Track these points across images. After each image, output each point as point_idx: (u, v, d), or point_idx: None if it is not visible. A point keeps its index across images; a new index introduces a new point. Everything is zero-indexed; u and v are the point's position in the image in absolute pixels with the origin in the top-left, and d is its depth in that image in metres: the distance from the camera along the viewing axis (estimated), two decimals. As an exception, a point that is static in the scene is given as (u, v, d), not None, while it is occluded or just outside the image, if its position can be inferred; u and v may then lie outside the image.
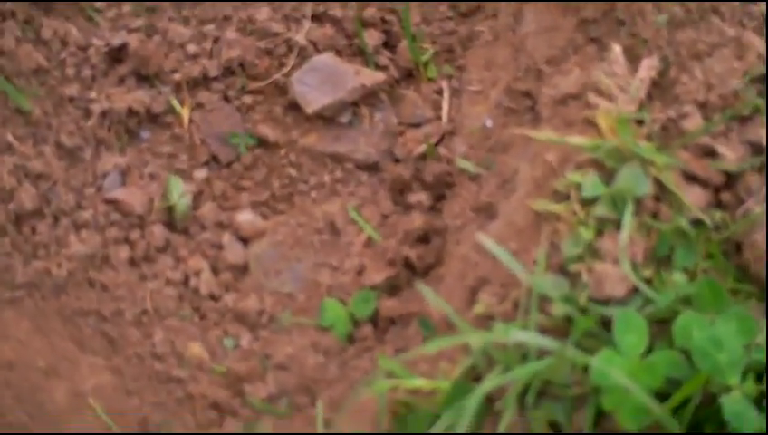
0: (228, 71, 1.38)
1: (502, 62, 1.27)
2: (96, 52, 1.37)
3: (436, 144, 1.33)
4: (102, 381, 1.19)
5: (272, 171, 1.38)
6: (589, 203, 0.93)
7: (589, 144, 0.95)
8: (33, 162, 1.28)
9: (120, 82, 1.37)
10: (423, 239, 1.26)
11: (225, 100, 1.39)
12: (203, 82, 1.38)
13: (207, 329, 1.28)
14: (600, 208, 0.91)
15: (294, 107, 1.38)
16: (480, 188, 1.20)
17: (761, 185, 0.90)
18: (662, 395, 0.81)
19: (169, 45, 1.38)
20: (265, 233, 1.34)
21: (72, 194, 1.30)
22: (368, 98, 1.38)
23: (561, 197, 0.95)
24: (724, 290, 0.85)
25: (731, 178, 0.92)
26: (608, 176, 0.93)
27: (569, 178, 0.94)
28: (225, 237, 1.34)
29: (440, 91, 1.38)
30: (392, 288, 1.26)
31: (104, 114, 1.34)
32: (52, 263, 1.25)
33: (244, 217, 1.35)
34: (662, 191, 0.92)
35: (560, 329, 0.87)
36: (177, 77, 1.36)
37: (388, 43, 1.42)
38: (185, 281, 1.31)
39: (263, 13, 1.40)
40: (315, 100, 1.35)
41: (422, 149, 1.33)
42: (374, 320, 1.25)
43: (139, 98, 1.35)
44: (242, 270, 1.32)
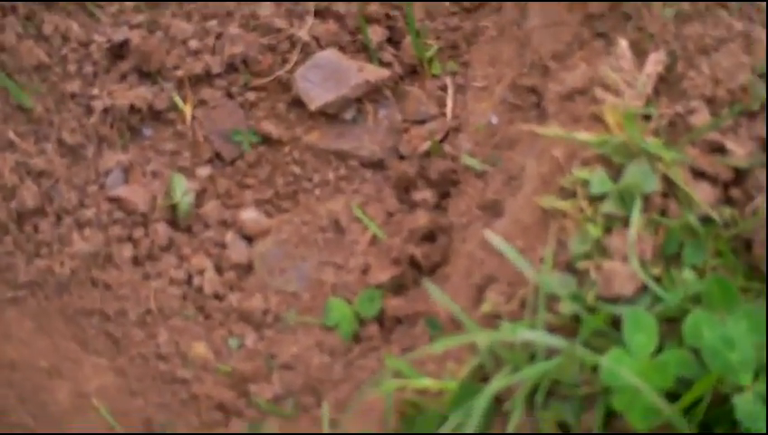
0: (231, 67, 1.38)
1: (507, 57, 1.26)
2: (98, 48, 1.36)
3: (441, 141, 1.33)
4: (106, 382, 1.18)
5: (276, 169, 1.37)
6: (596, 200, 0.92)
7: (596, 140, 0.94)
8: (35, 160, 1.27)
9: (122, 78, 1.36)
10: (428, 237, 1.25)
11: (228, 96, 1.38)
12: (205, 78, 1.37)
13: (212, 329, 1.27)
14: (608, 205, 0.91)
15: (298, 103, 1.37)
16: (486, 185, 1.19)
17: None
18: (672, 395, 0.80)
19: (172, 41, 1.37)
20: (270, 231, 1.33)
21: (75, 192, 1.29)
22: (372, 94, 1.37)
23: (569, 193, 0.94)
24: (735, 288, 0.84)
25: (740, 175, 0.92)
26: (615, 172, 0.92)
27: (576, 174, 0.94)
28: (229, 236, 1.33)
29: (444, 88, 1.37)
30: (398, 287, 1.25)
31: (106, 111, 1.33)
32: (55, 262, 1.24)
33: (248, 216, 1.34)
34: (670, 188, 0.91)
35: (568, 328, 0.87)
36: (180, 73, 1.36)
37: (392, 39, 1.41)
38: (188, 280, 1.30)
39: (265, 8, 1.39)
40: (318, 96, 1.34)
41: (427, 146, 1.32)
42: (380, 319, 1.24)
43: (141, 94, 1.34)
44: (246, 269, 1.32)
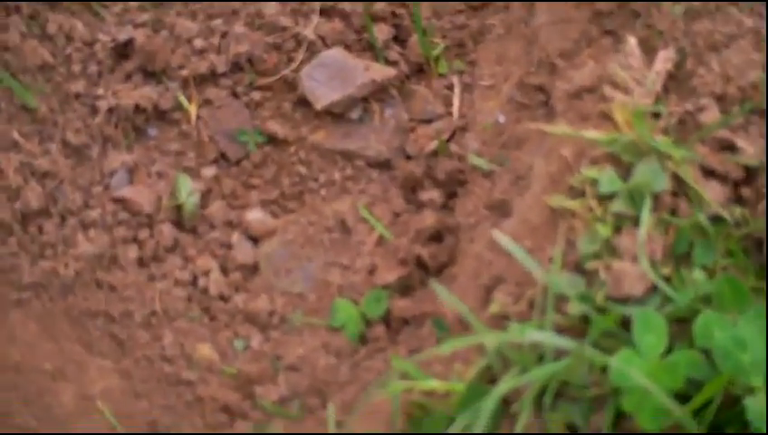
0: (236, 66, 1.37)
1: (514, 55, 1.26)
2: (102, 47, 1.35)
3: (448, 140, 1.32)
4: (111, 384, 1.18)
5: (281, 169, 1.37)
6: (605, 199, 0.91)
7: (605, 138, 0.93)
8: (40, 160, 1.27)
9: (127, 78, 1.36)
10: (435, 238, 1.24)
11: (234, 96, 1.37)
12: (210, 77, 1.36)
13: (217, 330, 1.26)
14: (618, 205, 0.90)
15: (303, 103, 1.36)
16: (493, 184, 1.18)
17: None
18: (682, 396, 0.79)
19: (176, 40, 1.36)
20: (275, 232, 1.32)
21: (79, 193, 1.29)
22: (378, 93, 1.36)
23: (577, 193, 0.93)
24: (746, 288, 0.83)
25: (750, 173, 0.90)
26: (624, 171, 0.91)
27: (584, 173, 0.93)
28: (235, 237, 1.32)
29: (451, 87, 1.37)
30: (404, 288, 1.24)
31: (111, 111, 1.33)
32: (60, 263, 1.23)
33: (254, 216, 1.33)
34: (680, 187, 0.90)
35: (576, 329, 0.86)
36: (185, 73, 1.35)
37: (398, 38, 1.40)
38: (194, 281, 1.29)
39: (271, 7, 1.38)
40: (324, 95, 1.33)
41: (434, 145, 1.31)
42: (386, 320, 1.24)
43: (146, 94, 1.33)
44: (252, 270, 1.31)
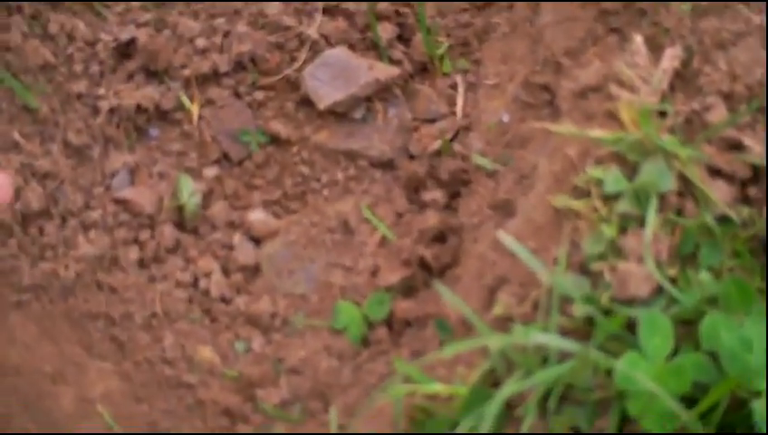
0: (239, 66, 1.36)
1: (519, 54, 1.25)
2: (104, 47, 1.35)
3: (452, 140, 1.31)
4: (111, 387, 1.18)
5: (284, 169, 1.36)
6: (611, 199, 0.90)
7: (610, 137, 0.92)
8: (41, 161, 1.26)
9: (129, 78, 1.35)
10: (439, 238, 1.23)
11: (236, 96, 1.36)
12: (213, 77, 1.36)
13: (218, 332, 1.25)
14: (623, 205, 0.89)
15: (306, 102, 1.35)
16: (497, 184, 1.17)
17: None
18: (688, 399, 0.78)
19: (179, 40, 1.35)
20: (278, 233, 1.31)
21: (80, 194, 1.28)
22: (381, 93, 1.35)
23: (582, 193, 0.93)
24: (753, 289, 0.82)
25: (758, 173, 0.89)
26: (630, 170, 0.90)
27: (590, 173, 0.92)
28: (237, 238, 1.31)
29: (455, 86, 1.35)
30: (407, 289, 1.23)
31: (112, 111, 1.32)
32: (60, 265, 1.23)
33: (256, 217, 1.32)
34: (686, 186, 0.89)
35: (581, 331, 0.85)
36: (187, 72, 1.34)
37: (402, 37, 1.39)
38: (195, 283, 1.29)
39: (274, 6, 1.37)
40: (327, 95, 1.32)
41: (437, 145, 1.30)
42: (389, 322, 1.22)
43: (148, 94, 1.32)
44: (254, 271, 1.30)
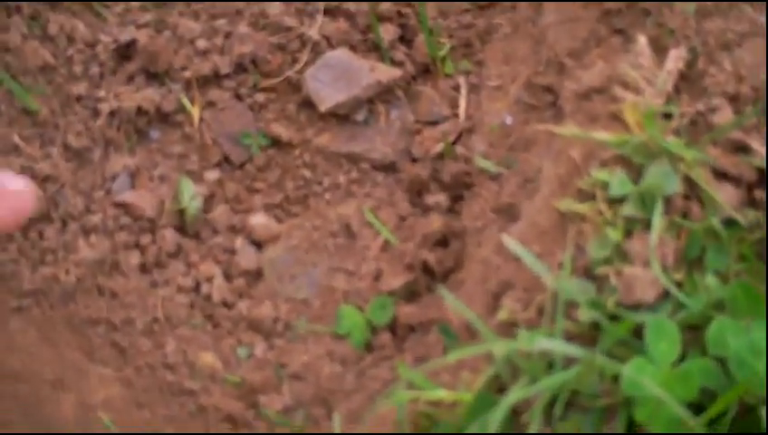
0: (240, 67, 1.35)
1: (522, 55, 1.24)
2: (104, 48, 1.34)
3: (454, 142, 1.30)
4: (112, 393, 1.17)
5: (285, 172, 1.35)
6: (616, 202, 0.89)
7: (615, 140, 0.92)
8: (41, 164, 1.25)
9: (129, 79, 1.34)
10: (442, 242, 1.23)
11: (237, 98, 1.36)
12: (214, 79, 1.35)
13: (220, 338, 1.25)
14: (628, 208, 0.88)
15: (308, 105, 1.35)
16: (501, 187, 1.17)
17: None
18: (695, 406, 0.77)
19: (179, 41, 1.35)
20: (279, 237, 1.30)
21: (81, 197, 1.27)
22: (383, 95, 1.34)
23: (587, 196, 0.92)
24: (760, 294, 0.81)
25: (764, 175, 0.89)
26: (635, 173, 0.90)
27: (594, 176, 0.91)
28: (238, 242, 1.30)
29: (458, 88, 1.35)
30: (411, 294, 1.23)
31: (113, 114, 1.31)
32: (60, 269, 1.22)
33: (258, 221, 1.31)
34: (692, 189, 0.88)
35: (587, 336, 0.84)
36: (188, 74, 1.33)
37: (404, 38, 1.38)
38: (196, 287, 1.28)
39: (275, 7, 1.37)
40: (329, 97, 1.32)
41: (440, 147, 1.29)
42: (392, 327, 1.22)
43: (148, 96, 1.32)
44: (255, 276, 1.29)
